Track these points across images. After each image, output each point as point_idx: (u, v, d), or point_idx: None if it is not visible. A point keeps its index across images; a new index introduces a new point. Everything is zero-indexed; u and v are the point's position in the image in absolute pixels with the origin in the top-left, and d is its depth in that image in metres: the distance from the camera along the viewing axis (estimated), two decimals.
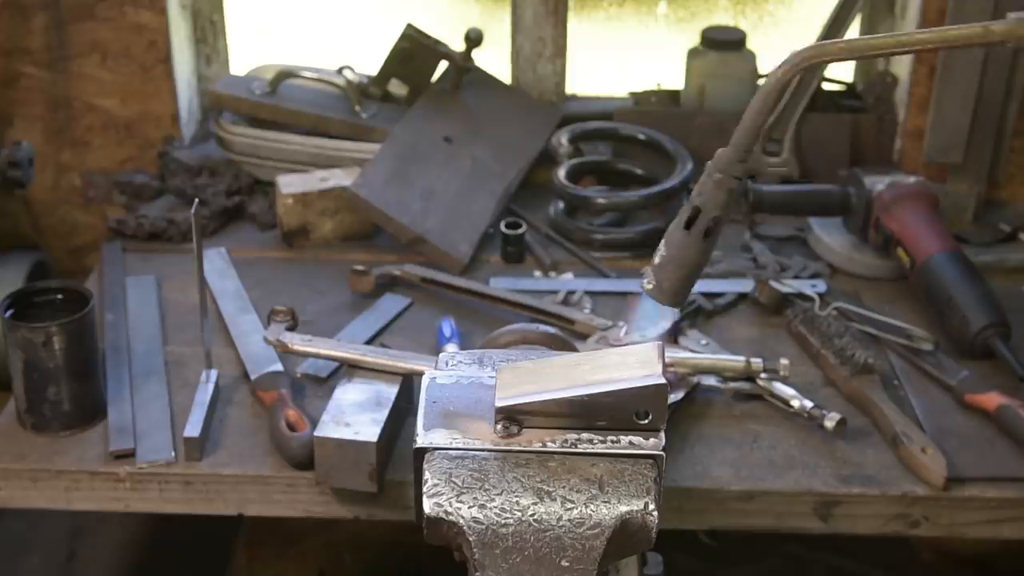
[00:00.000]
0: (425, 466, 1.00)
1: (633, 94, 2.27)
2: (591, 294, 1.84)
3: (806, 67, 0.94)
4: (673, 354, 1.61)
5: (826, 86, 2.21)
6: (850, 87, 2.26)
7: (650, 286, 1.00)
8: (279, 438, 1.50)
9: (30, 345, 1.49)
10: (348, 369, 1.54)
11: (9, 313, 1.52)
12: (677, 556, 1.62)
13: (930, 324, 1.76)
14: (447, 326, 1.72)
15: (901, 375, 1.67)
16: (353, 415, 1.45)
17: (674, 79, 2.25)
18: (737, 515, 1.49)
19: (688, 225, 0.96)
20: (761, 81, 2.21)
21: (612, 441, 1.02)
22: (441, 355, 1.15)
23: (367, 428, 1.43)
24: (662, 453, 1.01)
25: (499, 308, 1.79)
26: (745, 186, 0.97)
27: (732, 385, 1.62)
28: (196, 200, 1.50)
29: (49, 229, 2.22)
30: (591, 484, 0.98)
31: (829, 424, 1.54)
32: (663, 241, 0.98)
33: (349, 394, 1.49)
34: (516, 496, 0.97)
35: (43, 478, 1.50)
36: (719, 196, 0.96)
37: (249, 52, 2.37)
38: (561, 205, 2.05)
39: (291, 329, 1.58)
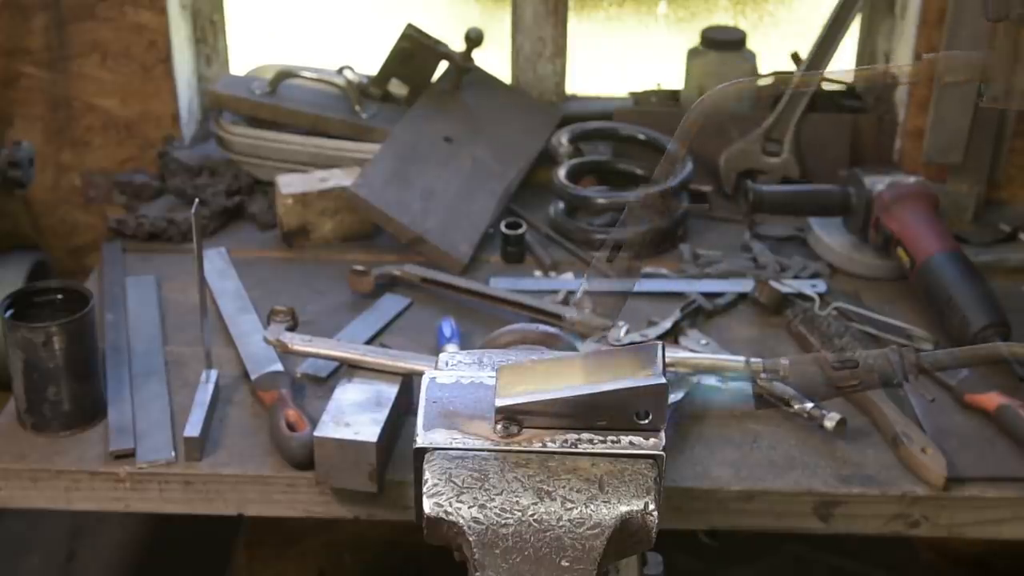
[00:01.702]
0: (425, 466, 1.00)
1: (633, 94, 2.27)
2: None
3: (711, 113, 0.95)
4: (673, 354, 1.61)
5: (826, 86, 2.21)
6: (850, 87, 2.26)
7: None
8: (279, 438, 1.50)
9: (30, 345, 1.49)
10: (348, 369, 1.54)
11: (9, 313, 1.52)
12: (677, 556, 1.62)
13: (930, 324, 1.76)
14: (447, 326, 1.72)
15: None
16: (353, 415, 1.45)
17: (674, 79, 2.25)
18: (737, 515, 1.49)
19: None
20: (762, 82, 2.22)
21: (612, 441, 1.02)
22: (441, 355, 1.15)
23: (367, 428, 1.43)
24: (662, 453, 1.01)
25: (499, 308, 1.79)
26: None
27: (732, 385, 1.62)
28: (196, 200, 1.50)
29: (49, 229, 2.22)
30: (591, 484, 0.98)
31: (829, 424, 1.54)
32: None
33: (349, 394, 1.49)
34: (516, 496, 0.97)
35: (43, 478, 1.50)
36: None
37: (249, 52, 2.37)
38: (561, 205, 2.05)
39: (291, 329, 1.58)
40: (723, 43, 2.18)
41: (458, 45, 2.11)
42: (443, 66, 2.14)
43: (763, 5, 2.58)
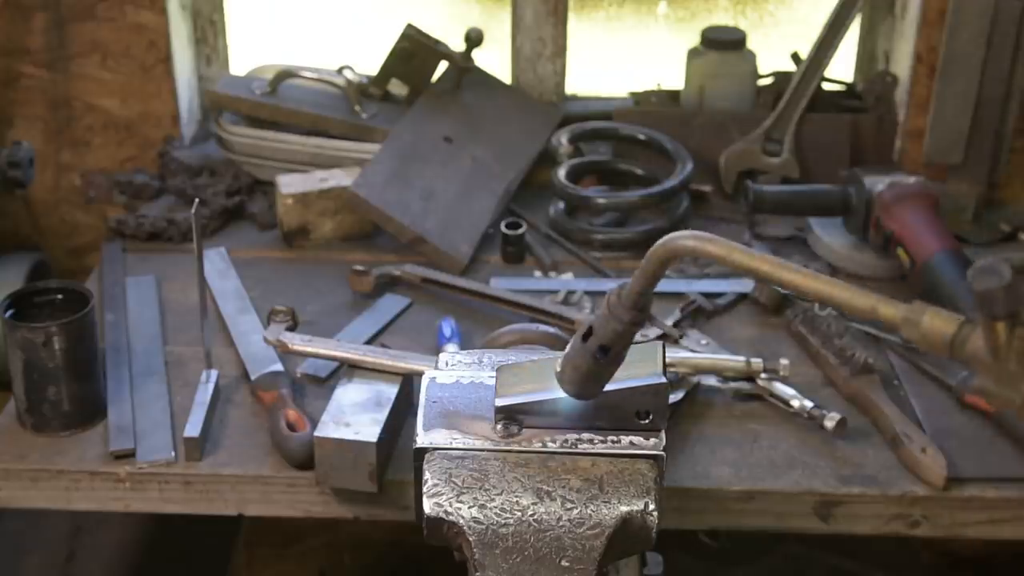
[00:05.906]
0: (425, 466, 1.00)
1: (633, 94, 2.27)
2: (591, 294, 1.84)
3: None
4: (673, 354, 1.61)
5: (826, 86, 2.21)
6: (850, 87, 2.26)
7: (558, 370, 1.02)
8: (279, 438, 1.50)
9: (30, 345, 1.49)
10: (348, 369, 1.54)
11: (9, 313, 1.52)
12: (677, 556, 1.62)
13: None
14: (447, 326, 1.72)
15: (901, 375, 1.67)
16: (353, 415, 1.45)
17: (674, 79, 2.25)
18: (737, 515, 1.49)
19: (584, 338, 1.00)
20: (762, 82, 2.22)
21: (612, 441, 1.02)
22: (441, 355, 1.15)
23: (367, 428, 1.43)
24: (662, 453, 1.01)
25: (499, 308, 1.79)
26: (639, 327, 1.00)
27: (732, 385, 1.62)
28: (196, 200, 1.50)
29: (49, 229, 2.22)
30: (591, 484, 0.98)
31: (829, 424, 1.54)
32: (573, 338, 1.01)
33: (349, 394, 1.49)
34: (516, 496, 0.97)
35: (43, 478, 1.50)
36: (608, 328, 0.98)
37: (249, 52, 2.37)
38: (561, 205, 2.05)
39: (291, 329, 1.59)
40: (723, 43, 2.18)
41: (458, 45, 2.11)
42: (443, 66, 2.14)
43: (763, 5, 2.58)
